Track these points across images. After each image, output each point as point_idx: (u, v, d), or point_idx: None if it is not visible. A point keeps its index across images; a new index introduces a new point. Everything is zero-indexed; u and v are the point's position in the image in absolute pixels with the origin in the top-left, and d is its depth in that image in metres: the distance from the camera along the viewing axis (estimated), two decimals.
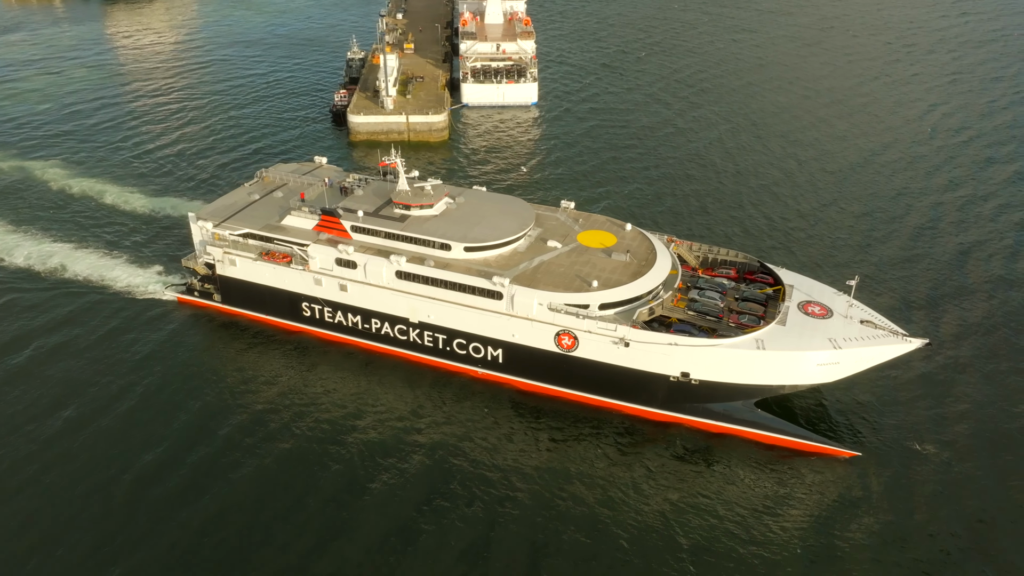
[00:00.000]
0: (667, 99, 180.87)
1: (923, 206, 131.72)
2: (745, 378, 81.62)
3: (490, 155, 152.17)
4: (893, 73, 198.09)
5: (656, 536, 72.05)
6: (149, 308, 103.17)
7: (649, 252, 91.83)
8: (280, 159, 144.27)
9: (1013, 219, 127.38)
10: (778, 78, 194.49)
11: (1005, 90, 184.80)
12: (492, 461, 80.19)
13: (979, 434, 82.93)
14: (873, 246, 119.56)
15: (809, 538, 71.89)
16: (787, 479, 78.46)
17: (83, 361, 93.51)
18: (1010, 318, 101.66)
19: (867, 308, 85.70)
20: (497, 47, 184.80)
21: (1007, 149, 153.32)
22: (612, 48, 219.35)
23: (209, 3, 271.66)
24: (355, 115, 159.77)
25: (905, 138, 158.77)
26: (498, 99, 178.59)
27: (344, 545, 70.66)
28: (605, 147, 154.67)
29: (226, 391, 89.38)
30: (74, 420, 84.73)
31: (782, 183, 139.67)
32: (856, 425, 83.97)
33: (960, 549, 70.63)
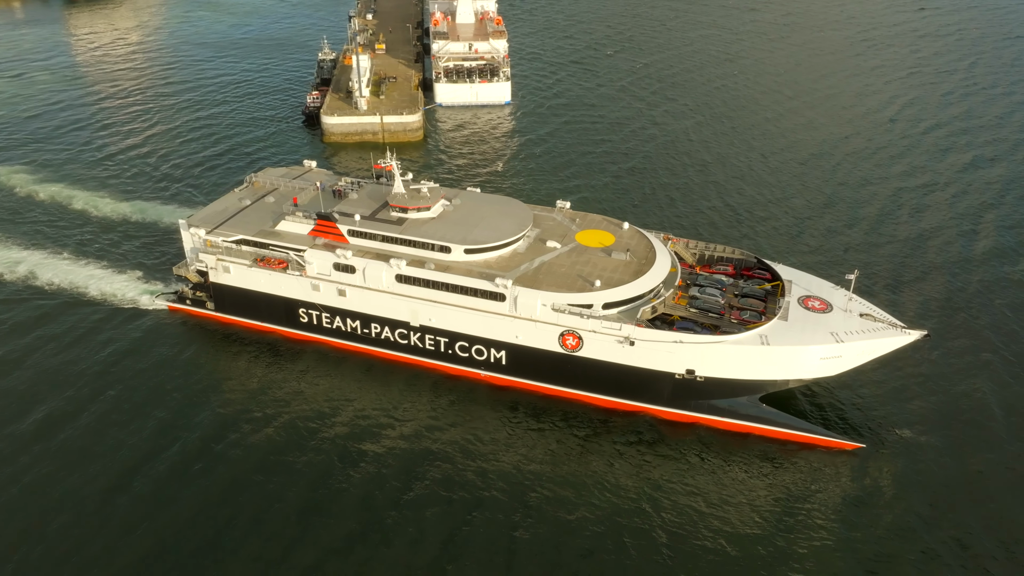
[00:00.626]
0: (638, 95, 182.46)
1: (886, 192, 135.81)
2: (750, 374, 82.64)
3: (466, 154, 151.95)
4: (855, 66, 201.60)
5: (665, 531, 72.76)
6: (138, 318, 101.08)
7: (648, 250, 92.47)
8: (252, 161, 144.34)
9: (975, 204, 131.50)
10: (744, 72, 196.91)
11: (958, 82, 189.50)
12: (500, 463, 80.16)
13: (978, 421, 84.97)
14: (840, 233, 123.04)
15: (819, 529, 72.98)
16: (794, 472, 79.61)
17: (74, 372, 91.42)
18: (989, 302, 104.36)
19: (865, 301, 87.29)
20: (469, 47, 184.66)
21: (965, 140, 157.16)
22: (583, 45, 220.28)
23: (174, 5, 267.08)
24: (329, 116, 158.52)
25: (866, 129, 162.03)
26: (472, 99, 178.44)
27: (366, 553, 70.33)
28: (579, 144, 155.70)
29: (223, 398, 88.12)
30: (64, 431, 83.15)
31: (750, 175, 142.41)
32: (859, 417, 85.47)
33: (970, 534, 72.28)
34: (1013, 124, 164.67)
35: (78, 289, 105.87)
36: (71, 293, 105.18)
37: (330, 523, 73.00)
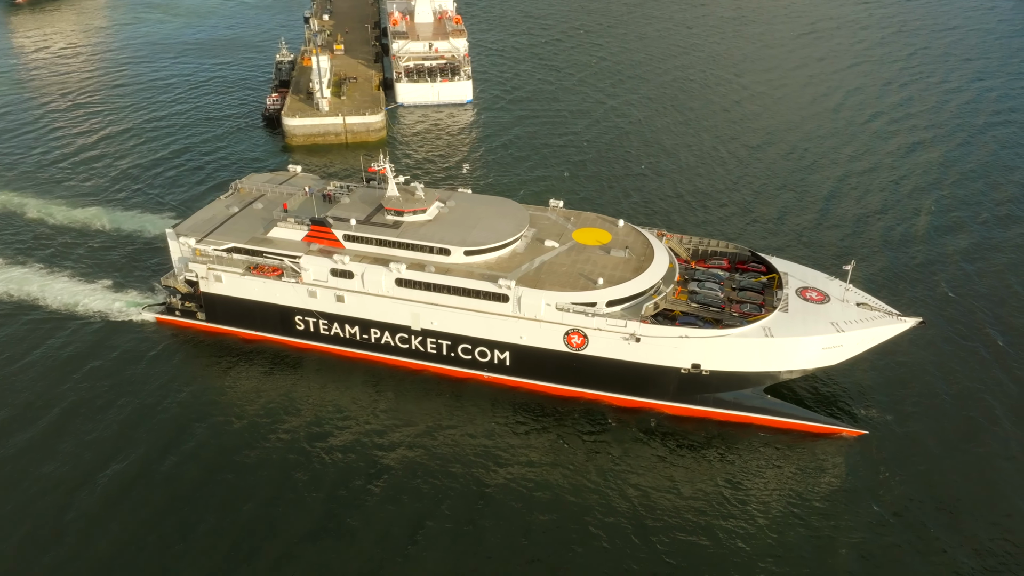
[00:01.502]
0: (600, 90, 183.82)
1: (836, 177, 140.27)
2: (755, 366, 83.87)
3: (431, 154, 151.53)
4: (804, 59, 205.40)
5: (674, 523, 73.79)
6: (126, 331, 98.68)
7: (645, 247, 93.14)
8: (214, 165, 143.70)
9: (927, 188, 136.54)
10: (700, 66, 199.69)
11: (900, 71, 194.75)
12: (506, 464, 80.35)
13: (974, 405, 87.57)
14: (791, 219, 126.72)
15: (827, 516, 74.59)
16: (800, 461, 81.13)
17: (61, 390, 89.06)
18: (968, 288, 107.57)
19: (860, 291, 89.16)
20: (430, 46, 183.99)
21: (905, 126, 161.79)
22: (542, 41, 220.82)
23: (121, 7, 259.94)
24: (290, 118, 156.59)
25: (816, 118, 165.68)
26: (433, 98, 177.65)
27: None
28: (543, 139, 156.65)
29: (220, 411, 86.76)
30: (55, 445, 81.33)
31: (705, 163, 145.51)
32: (860, 405, 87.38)
33: (973, 519, 74.42)
34: (949, 111, 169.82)
35: (56, 303, 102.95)
36: (49, 308, 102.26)
37: (349, 544, 72.40)
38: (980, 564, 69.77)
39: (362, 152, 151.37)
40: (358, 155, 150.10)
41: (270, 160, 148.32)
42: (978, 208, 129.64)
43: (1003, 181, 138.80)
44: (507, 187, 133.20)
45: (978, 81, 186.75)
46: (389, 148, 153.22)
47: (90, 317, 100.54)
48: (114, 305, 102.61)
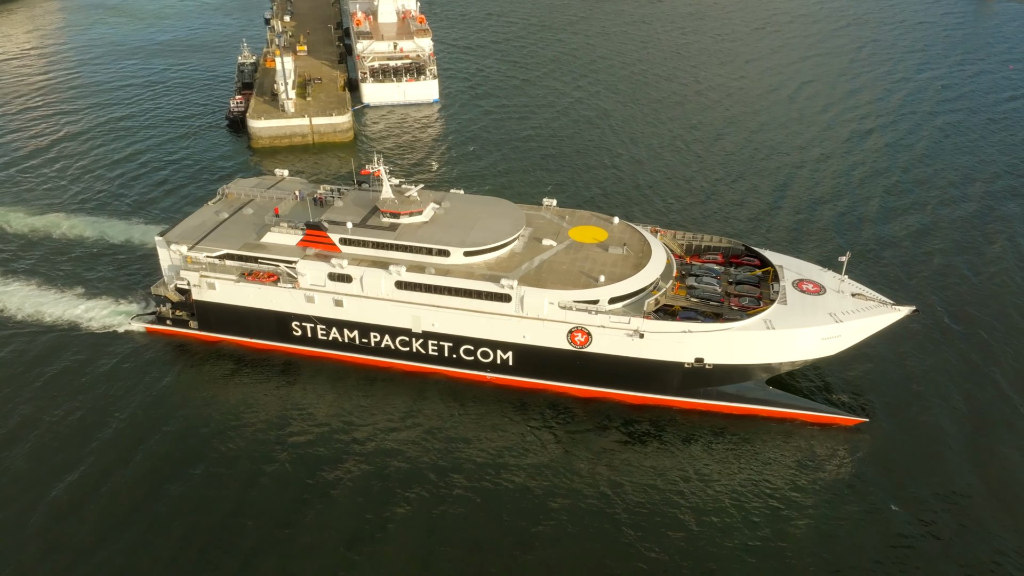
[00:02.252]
0: (564, 84, 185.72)
1: (790, 166, 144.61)
2: (757, 358, 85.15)
3: (399, 153, 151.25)
4: (761, 57, 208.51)
5: (685, 516, 74.67)
6: (115, 342, 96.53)
7: (642, 243, 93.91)
8: (180, 170, 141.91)
9: (883, 181, 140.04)
10: (660, 59, 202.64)
11: (859, 67, 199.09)
12: (513, 464, 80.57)
13: (967, 390, 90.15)
14: (765, 211, 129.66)
15: (833, 501, 76.36)
16: (803, 450, 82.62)
17: (51, 406, 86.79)
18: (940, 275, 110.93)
19: (855, 282, 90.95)
20: (394, 46, 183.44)
21: (857, 115, 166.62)
22: (507, 39, 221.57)
23: (76, 11, 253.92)
24: (255, 120, 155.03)
25: (777, 113, 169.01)
26: (399, 98, 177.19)
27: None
28: (511, 136, 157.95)
29: (219, 422, 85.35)
30: (47, 461, 79.40)
31: (666, 154, 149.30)
32: (859, 393, 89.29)
33: (972, 503, 76.55)
34: (896, 100, 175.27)
35: (39, 316, 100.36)
36: (32, 321, 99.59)
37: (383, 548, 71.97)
38: (987, 548, 71.97)
39: (329, 153, 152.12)
40: (326, 156, 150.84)
41: (236, 163, 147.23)
42: (938, 191, 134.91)
43: (953, 165, 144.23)
44: (477, 184, 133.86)
45: (925, 71, 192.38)
46: (357, 148, 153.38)
47: (76, 329, 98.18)
48: (99, 316, 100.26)
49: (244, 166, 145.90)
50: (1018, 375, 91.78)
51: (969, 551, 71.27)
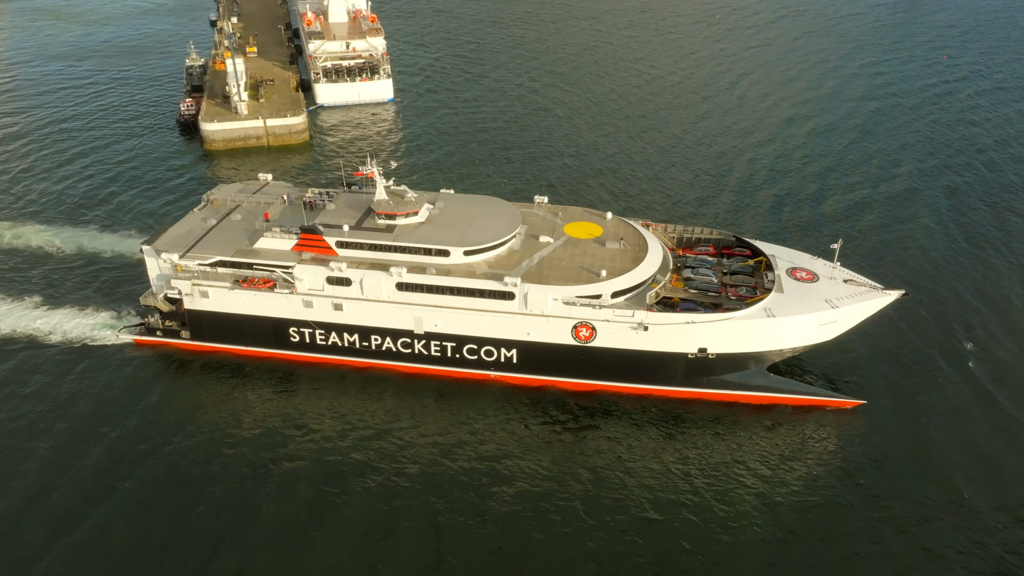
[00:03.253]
0: (517, 80, 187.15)
1: (743, 158, 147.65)
2: (759, 346, 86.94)
3: (356, 153, 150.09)
4: (703, 49, 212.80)
5: (695, 508, 75.96)
6: (103, 356, 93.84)
7: (637, 237, 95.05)
8: (135, 177, 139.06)
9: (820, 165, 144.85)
10: (610, 56, 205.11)
11: (796, 60, 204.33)
12: (524, 463, 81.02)
13: (956, 367, 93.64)
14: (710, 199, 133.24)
15: (835, 483, 78.59)
16: (807, 433, 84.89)
17: (40, 427, 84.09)
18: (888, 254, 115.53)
19: (845, 268, 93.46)
20: (347, 45, 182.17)
21: (796, 102, 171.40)
22: (460, 36, 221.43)
23: (8, 14, 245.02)
24: (208, 123, 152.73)
25: (721, 105, 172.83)
26: (354, 97, 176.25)
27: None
28: (467, 132, 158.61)
29: (219, 436, 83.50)
30: (36, 497, 76.21)
31: (623, 153, 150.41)
32: (856, 376, 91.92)
33: (966, 480, 79.47)
34: (832, 89, 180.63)
35: (19, 331, 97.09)
36: (10, 337, 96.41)
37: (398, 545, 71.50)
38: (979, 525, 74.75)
39: (285, 155, 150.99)
40: (282, 158, 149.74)
41: (190, 166, 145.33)
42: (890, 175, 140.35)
43: (891, 150, 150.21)
44: (434, 180, 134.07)
45: (867, 66, 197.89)
46: (313, 149, 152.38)
47: (61, 344, 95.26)
48: (82, 330, 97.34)
49: (198, 170, 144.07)
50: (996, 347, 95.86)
51: (961, 528, 73.72)
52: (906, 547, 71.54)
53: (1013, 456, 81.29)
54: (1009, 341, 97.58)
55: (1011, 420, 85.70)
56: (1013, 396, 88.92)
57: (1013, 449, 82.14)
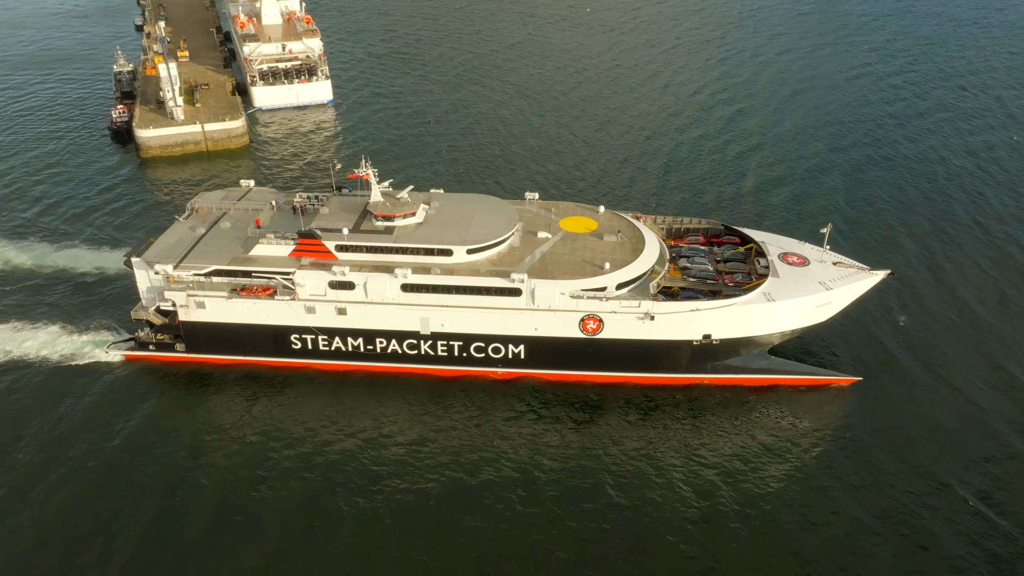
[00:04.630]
0: (454, 78, 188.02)
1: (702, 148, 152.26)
2: (760, 330, 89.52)
3: (298, 156, 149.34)
4: (627, 42, 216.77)
5: (703, 491, 78.09)
6: (93, 374, 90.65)
7: (633, 230, 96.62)
8: (70, 187, 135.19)
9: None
10: (547, 55, 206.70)
11: (716, 50, 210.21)
12: (539, 457, 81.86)
13: (942, 340, 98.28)
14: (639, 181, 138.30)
15: (836, 457, 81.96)
16: (809, 411, 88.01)
17: (33, 448, 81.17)
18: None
19: (832, 252, 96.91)
20: (283, 47, 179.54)
21: (725, 96, 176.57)
22: (398, 36, 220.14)
23: None
24: (143, 130, 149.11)
25: (648, 96, 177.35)
26: (292, 100, 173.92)
27: None
28: (408, 131, 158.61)
29: (224, 451, 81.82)
30: (28, 525, 73.45)
31: (559, 144, 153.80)
32: (849, 354, 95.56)
33: (958, 449, 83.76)
34: (762, 81, 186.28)
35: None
36: None
37: None
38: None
39: (226, 159, 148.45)
40: (222, 163, 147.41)
41: (126, 174, 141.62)
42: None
43: (814, 139, 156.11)
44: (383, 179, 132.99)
45: (784, 54, 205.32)
46: (254, 153, 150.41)
47: (47, 366, 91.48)
48: (68, 349, 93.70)
49: (136, 178, 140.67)
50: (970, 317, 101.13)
51: (953, 499, 77.35)
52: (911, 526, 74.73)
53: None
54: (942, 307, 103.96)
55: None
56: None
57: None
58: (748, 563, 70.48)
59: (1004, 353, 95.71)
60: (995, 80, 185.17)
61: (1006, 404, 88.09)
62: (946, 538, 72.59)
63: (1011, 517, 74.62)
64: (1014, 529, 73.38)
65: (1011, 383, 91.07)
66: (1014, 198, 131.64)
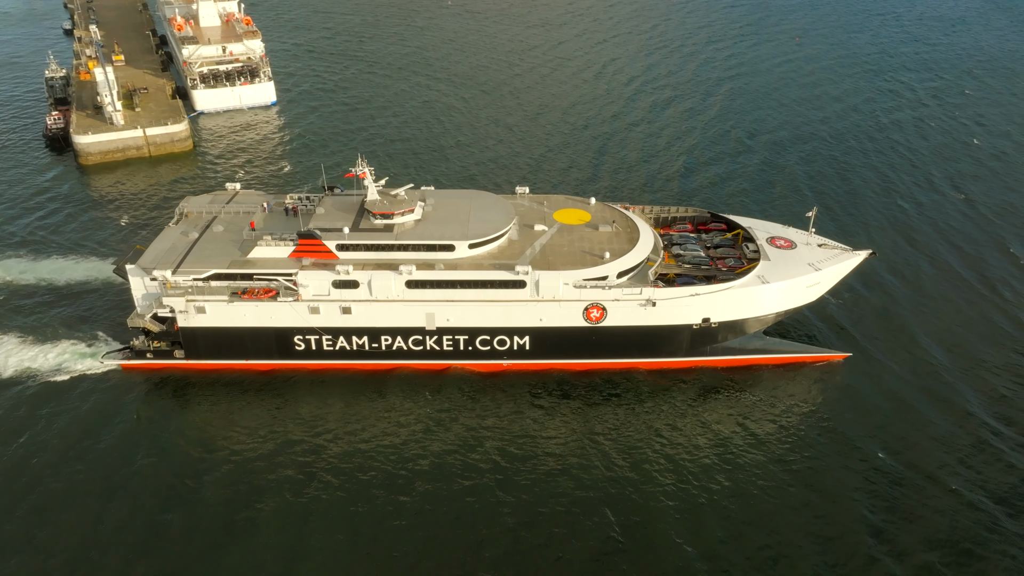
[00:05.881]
0: (397, 74, 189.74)
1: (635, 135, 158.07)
2: (756, 311, 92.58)
3: (244, 159, 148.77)
4: (572, 39, 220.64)
5: (703, 461, 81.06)
6: (88, 386, 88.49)
7: (626, 220, 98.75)
8: (9, 199, 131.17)
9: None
10: (481, 47, 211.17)
11: (647, 42, 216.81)
12: (553, 448, 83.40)
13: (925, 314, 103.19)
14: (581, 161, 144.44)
15: (834, 429, 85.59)
16: (802, 387, 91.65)
17: (30, 467, 78.77)
18: None
19: (817, 235, 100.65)
20: (223, 49, 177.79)
21: (656, 86, 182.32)
22: (340, 36, 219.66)
23: None
24: (82, 136, 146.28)
25: (587, 89, 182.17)
26: (235, 102, 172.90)
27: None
28: (354, 129, 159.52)
29: (230, 451, 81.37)
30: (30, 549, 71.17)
31: (497, 135, 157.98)
32: (838, 331, 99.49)
33: (946, 417, 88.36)
34: (690, 72, 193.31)
35: None
36: None
37: None
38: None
39: (170, 164, 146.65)
40: (167, 167, 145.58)
41: (65, 182, 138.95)
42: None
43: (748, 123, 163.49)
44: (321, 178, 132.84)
45: (711, 44, 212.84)
46: (198, 157, 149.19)
47: (40, 380, 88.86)
48: (61, 362, 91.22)
49: (77, 185, 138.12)
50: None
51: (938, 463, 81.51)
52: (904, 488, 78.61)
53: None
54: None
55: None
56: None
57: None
58: (761, 541, 72.96)
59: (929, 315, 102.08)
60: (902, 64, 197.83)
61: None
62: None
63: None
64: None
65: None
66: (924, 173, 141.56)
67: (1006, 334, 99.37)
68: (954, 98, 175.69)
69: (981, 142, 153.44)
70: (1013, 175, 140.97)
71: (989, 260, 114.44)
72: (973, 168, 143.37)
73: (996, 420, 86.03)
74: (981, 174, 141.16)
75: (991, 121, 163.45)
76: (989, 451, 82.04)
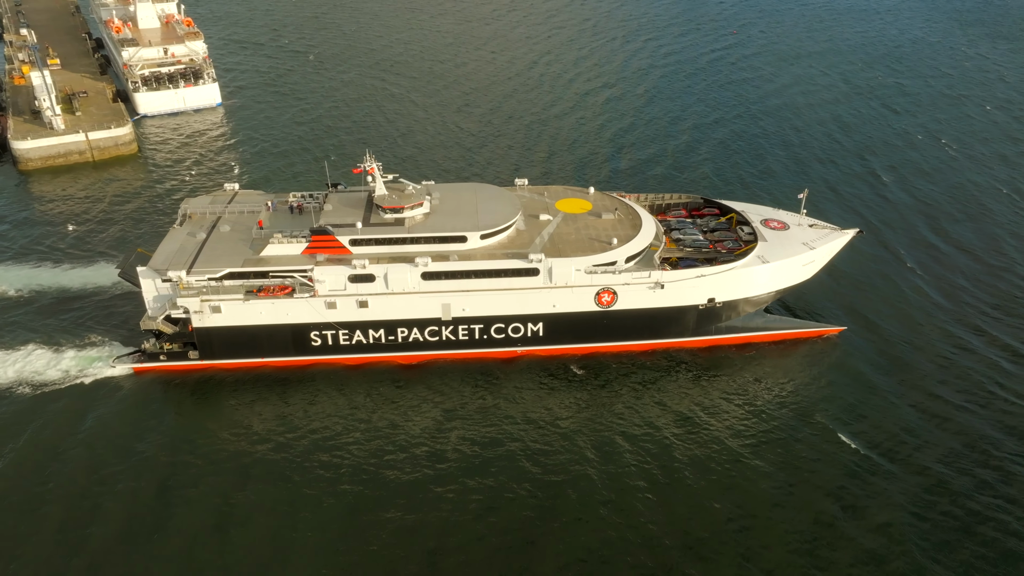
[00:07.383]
0: (342, 70, 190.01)
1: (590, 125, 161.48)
2: (757, 290, 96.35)
3: (192, 160, 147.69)
4: (508, 33, 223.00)
5: (717, 447, 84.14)
6: (102, 391, 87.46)
7: (626, 207, 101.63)
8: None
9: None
10: (422, 41, 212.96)
11: (591, 38, 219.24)
12: (568, 432, 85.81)
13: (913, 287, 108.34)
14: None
15: (833, 397, 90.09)
16: (801, 361, 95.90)
17: (41, 477, 77.97)
18: None
19: (807, 216, 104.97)
20: (165, 51, 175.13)
21: (594, 75, 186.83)
22: (282, 35, 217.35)
23: None
24: (20, 141, 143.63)
25: (518, 77, 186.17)
26: (179, 104, 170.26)
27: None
28: (301, 126, 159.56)
29: (256, 459, 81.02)
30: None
31: (452, 129, 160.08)
32: (832, 306, 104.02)
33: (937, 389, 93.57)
34: (618, 64, 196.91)
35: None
36: None
37: None
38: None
39: (115, 168, 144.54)
40: (112, 171, 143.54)
41: (4, 190, 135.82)
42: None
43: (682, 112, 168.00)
44: (282, 180, 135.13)
45: (650, 40, 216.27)
46: (144, 160, 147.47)
47: (53, 386, 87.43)
48: (73, 367, 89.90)
49: (17, 192, 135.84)
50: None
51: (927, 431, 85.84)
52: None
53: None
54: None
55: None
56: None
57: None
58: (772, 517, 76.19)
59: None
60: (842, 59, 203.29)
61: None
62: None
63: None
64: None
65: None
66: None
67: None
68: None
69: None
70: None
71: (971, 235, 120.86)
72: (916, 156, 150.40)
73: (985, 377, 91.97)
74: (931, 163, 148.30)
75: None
76: (978, 415, 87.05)
